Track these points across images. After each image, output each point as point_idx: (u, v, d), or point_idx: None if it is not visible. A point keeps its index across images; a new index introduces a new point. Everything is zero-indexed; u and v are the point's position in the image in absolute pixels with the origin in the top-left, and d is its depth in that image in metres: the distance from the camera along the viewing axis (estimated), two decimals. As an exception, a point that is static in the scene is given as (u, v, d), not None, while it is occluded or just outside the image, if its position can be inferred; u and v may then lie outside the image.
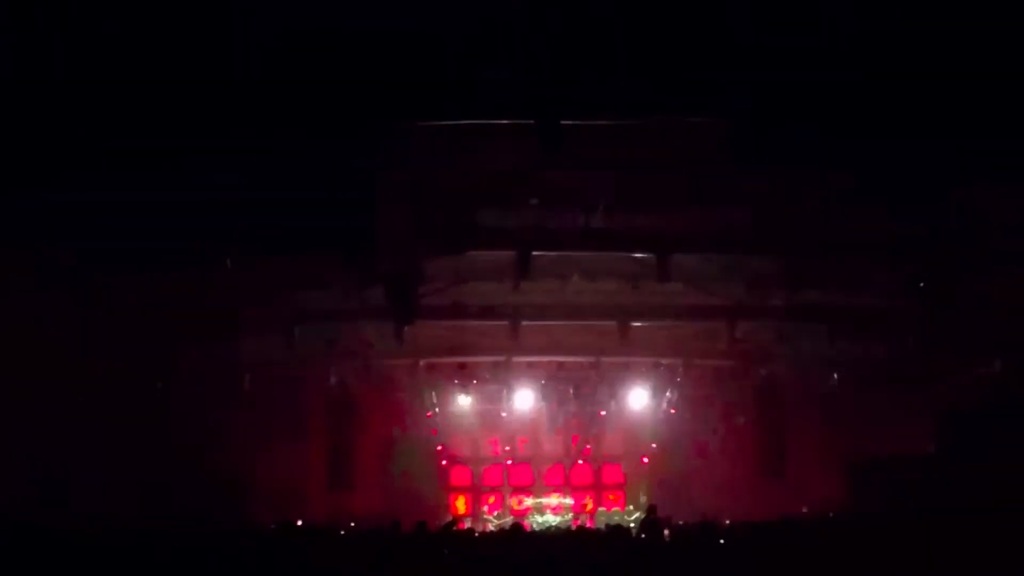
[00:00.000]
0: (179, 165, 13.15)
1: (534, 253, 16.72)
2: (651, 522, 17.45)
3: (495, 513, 29.53)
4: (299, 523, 20.79)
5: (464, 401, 29.13)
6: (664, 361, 25.59)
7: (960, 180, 13.63)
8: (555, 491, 30.81)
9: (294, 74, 10.88)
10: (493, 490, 30.64)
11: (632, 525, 21.52)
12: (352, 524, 20.39)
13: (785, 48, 10.40)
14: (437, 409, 29.82)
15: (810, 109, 11.57)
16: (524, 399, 28.92)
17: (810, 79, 10.76)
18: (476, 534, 23.21)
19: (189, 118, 11.58)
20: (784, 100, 11.36)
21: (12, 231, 14.23)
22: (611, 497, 32.06)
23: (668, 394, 28.61)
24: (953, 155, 12.40)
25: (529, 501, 29.96)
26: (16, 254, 15.05)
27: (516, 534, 15.57)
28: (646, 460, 30.95)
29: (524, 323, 21.09)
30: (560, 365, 26.14)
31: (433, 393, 28.65)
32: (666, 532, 16.87)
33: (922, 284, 16.86)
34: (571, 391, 28.13)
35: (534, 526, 27.32)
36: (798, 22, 10.04)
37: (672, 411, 29.39)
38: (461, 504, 31.20)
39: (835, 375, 24.35)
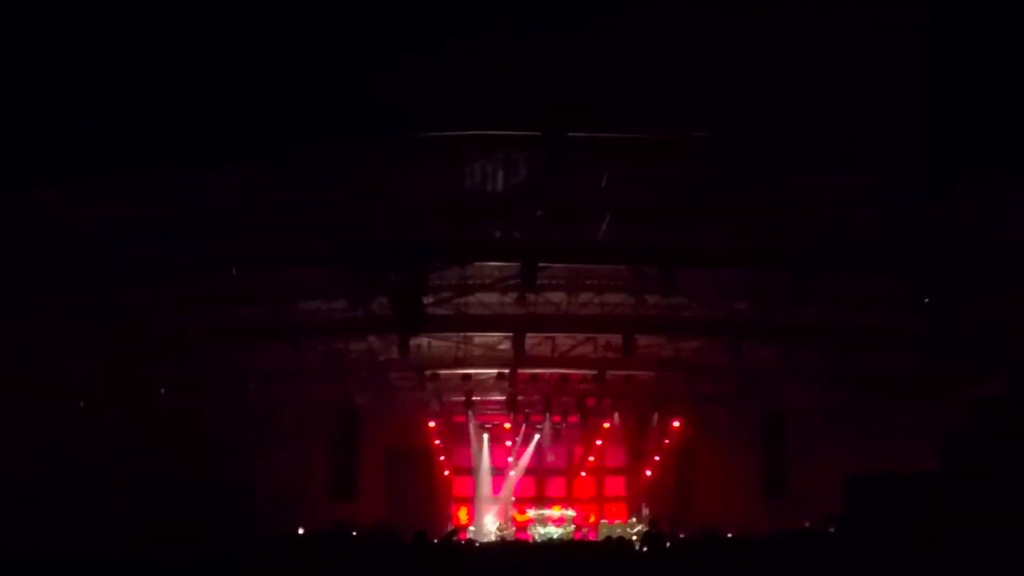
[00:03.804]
0: (189, 172, 13.21)
1: (539, 265, 16.74)
2: (653, 535, 17.46)
3: (498, 524, 29.53)
4: (300, 532, 20.85)
5: (468, 412, 29.19)
6: (668, 375, 25.57)
7: (964, 194, 13.65)
8: (557, 503, 30.84)
9: (300, 82, 10.91)
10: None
11: (634, 537, 21.52)
12: (354, 533, 20.42)
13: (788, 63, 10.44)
14: (441, 419, 29.89)
15: (816, 124, 11.60)
16: (527, 411, 28.99)
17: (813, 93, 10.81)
18: (477, 544, 23.24)
19: (199, 127, 11.61)
20: (788, 114, 11.39)
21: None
22: (613, 509, 32.14)
23: (671, 407, 28.65)
24: (957, 169, 12.42)
25: (531, 512, 29.95)
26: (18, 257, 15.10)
27: (518, 545, 15.60)
28: (649, 473, 30.99)
29: (529, 335, 21.11)
30: (564, 377, 26.14)
31: (437, 403, 28.69)
32: (668, 544, 16.87)
33: (926, 301, 16.86)
34: (575, 403, 28.14)
35: (536, 537, 27.33)
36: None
37: (675, 424, 29.44)
38: (463, 514, 31.23)
39: (838, 391, 24.35)
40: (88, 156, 12.01)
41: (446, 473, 31.47)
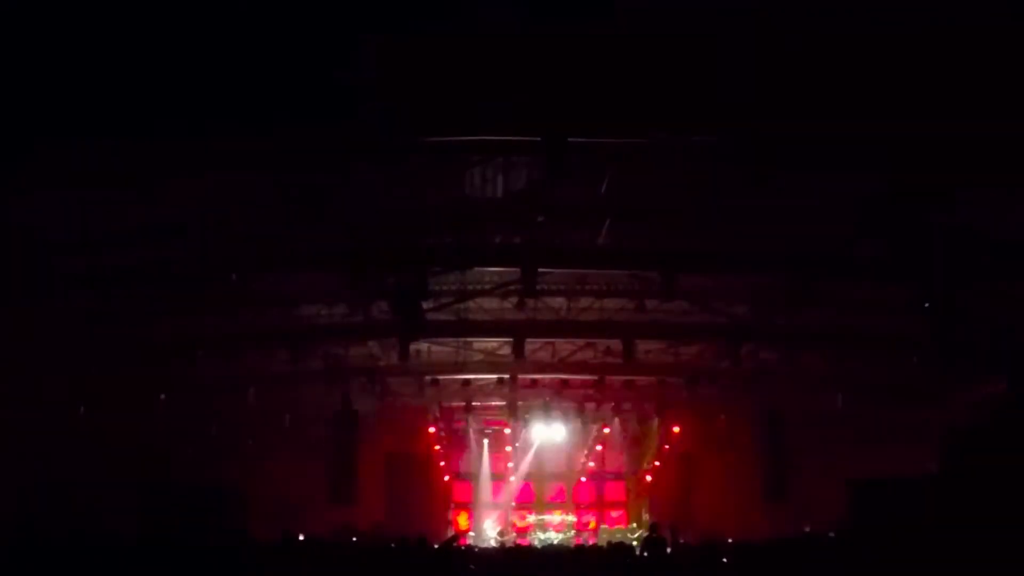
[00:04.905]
0: (189, 176, 13.20)
1: (539, 270, 16.73)
2: (654, 540, 17.44)
3: (498, 530, 29.47)
4: (301, 537, 20.79)
5: (468, 418, 29.15)
6: (668, 379, 25.55)
7: (964, 197, 13.66)
8: (558, 508, 30.77)
9: (297, 84, 10.91)
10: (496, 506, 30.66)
11: (634, 543, 21.48)
12: (354, 538, 20.38)
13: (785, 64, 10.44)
14: (441, 425, 29.84)
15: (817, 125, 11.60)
16: (528, 416, 28.95)
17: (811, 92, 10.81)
18: (477, 550, 23.19)
19: (199, 128, 11.59)
20: (788, 116, 11.39)
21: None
22: (614, 514, 32.06)
23: (671, 412, 28.61)
24: (955, 172, 12.43)
25: (532, 518, 29.89)
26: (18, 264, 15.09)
27: (519, 551, 15.57)
28: (649, 478, 30.92)
29: (529, 340, 21.09)
30: (564, 382, 26.11)
31: (437, 409, 28.65)
32: (669, 550, 16.85)
33: (926, 304, 16.84)
34: (575, 408, 28.10)
35: (536, 543, 27.26)
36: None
37: (675, 429, 29.39)
38: (463, 520, 31.17)
39: (839, 394, 24.33)
40: (84, 160, 12.02)
41: (446, 478, 31.42)
